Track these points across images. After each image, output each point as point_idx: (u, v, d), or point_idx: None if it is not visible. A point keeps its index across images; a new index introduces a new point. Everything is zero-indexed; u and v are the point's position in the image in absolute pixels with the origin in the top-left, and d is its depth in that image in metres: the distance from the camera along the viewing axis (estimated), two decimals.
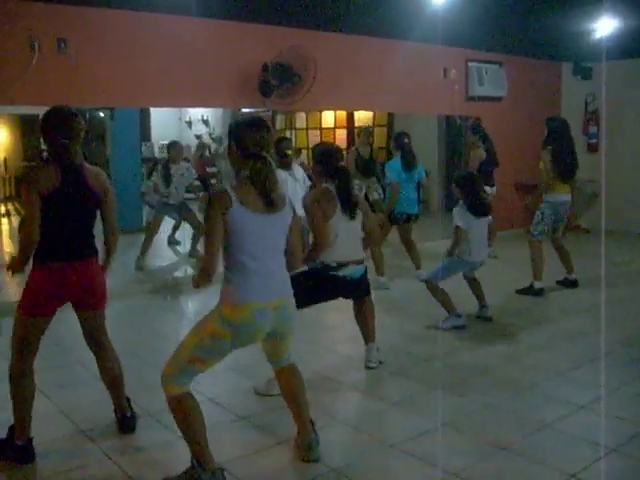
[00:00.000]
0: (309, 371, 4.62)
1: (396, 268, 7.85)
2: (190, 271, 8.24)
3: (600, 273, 7.36)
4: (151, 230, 8.54)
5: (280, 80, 7.49)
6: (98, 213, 3.57)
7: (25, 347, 3.41)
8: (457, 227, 5.58)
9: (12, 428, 3.46)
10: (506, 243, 9.26)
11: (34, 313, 3.39)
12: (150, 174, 8.79)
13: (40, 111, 10.31)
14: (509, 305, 6.50)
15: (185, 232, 9.12)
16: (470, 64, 9.76)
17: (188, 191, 8.85)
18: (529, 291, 6.85)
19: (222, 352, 3.08)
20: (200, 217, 8.61)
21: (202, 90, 7.36)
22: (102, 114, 14.28)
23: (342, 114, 14.28)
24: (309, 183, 6.79)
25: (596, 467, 3.29)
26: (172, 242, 9.70)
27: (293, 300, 3.22)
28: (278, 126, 16.74)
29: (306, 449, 3.40)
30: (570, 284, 7.11)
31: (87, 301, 3.55)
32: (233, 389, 4.48)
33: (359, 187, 9.88)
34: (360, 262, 4.54)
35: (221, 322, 3.00)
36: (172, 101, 7.67)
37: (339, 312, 6.43)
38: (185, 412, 3.06)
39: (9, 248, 10.50)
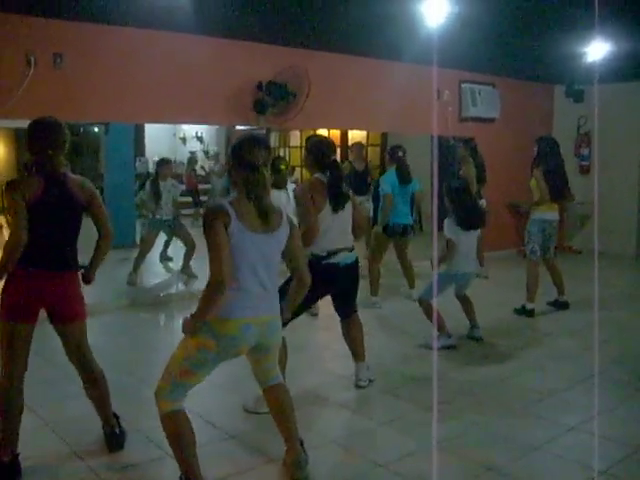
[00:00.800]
0: (299, 389, 4.62)
1: (388, 287, 7.84)
2: (182, 287, 8.22)
3: (591, 294, 7.39)
4: (144, 246, 8.53)
5: (274, 98, 7.52)
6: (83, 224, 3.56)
7: (11, 357, 3.36)
8: (448, 240, 5.60)
9: None
10: (498, 263, 9.30)
11: (14, 318, 3.35)
12: (140, 189, 8.81)
13: None
14: (500, 326, 6.51)
15: (177, 248, 9.10)
16: (463, 85, 9.83)
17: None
18: (521, 311, 6.88)
19: (208, 364, 3.07)
20: (193, 232, 8.64)
21: (197, 107, 7.39)
22: (96, 129, 14.33)
23: (336, 133, 14.36)
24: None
25: None
26: (164, 258, 9.69)
27: (280, 317, 3.27)
28: (272, 144, 16.83)
29: (295, 468, 3.39)
30: (560, 305, 7.11)
31: (63, 313, 3.51)
32: (222, 406, 4.47)
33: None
34: (351, 250, 4.52)
35: (208, 335, 3.01)
36: (166, 117, 7.70)
37: (329, 331, 6.43)
38: (177, 430, 3.06)
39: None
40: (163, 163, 8.85)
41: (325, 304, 6.53)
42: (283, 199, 6.53)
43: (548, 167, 6.83)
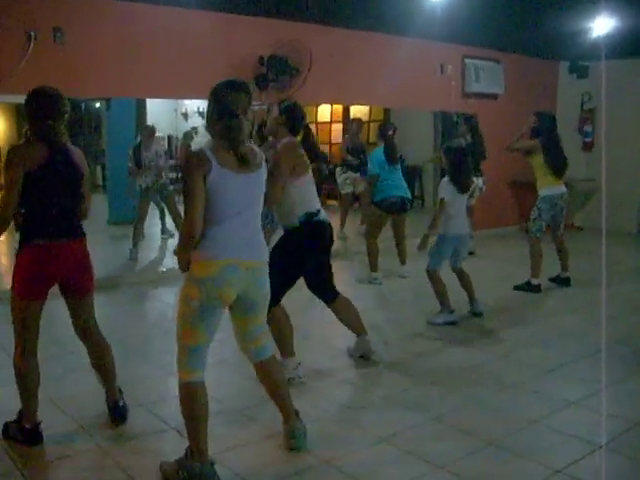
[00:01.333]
0: (301, 364, 4.66)
1: (388, 264, 7.84)
2: None
3: (594, 271, 7.39)
4: (139, 217, 8.59)
5: (276, 73, 7.49)
6: None
7: (25, 332, 3.43)
8: (442, 199, 5.63)
9: (21, 412, 3.53)
10: (499, 240, 9.30)
11: (28, 296, 3.38)
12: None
13: None
14: (501, 302, 6.52)
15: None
16: (467, 61, 9.76)
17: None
18: (526, 287, 6.85)
19: (200, 316, 3.01)
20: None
21: (198, 82, 7.31)
22: (98, 105, 14.27)
23: (338, 108, 14.30)
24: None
25: (583, 463, 3.32)
26: (163, 232, 9.73)
27: (267, 268, 3.22)
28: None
29: (291, 437, 3.44)
30: (562, 282, 7.12)
31: (76, 283, 3.54)
32: (224, 381, 4.49)
33: (351, 180, 9.99)
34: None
35: (190, 282, 3.02)
36: (168, 92, 7.66)
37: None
38: (191, 401, 3.07)
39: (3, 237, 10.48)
40: (146, 131, 8.91)
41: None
42: None
43: (551, 142, 6.78)
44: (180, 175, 8.35)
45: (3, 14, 5.99)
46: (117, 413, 3.78)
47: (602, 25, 7.76)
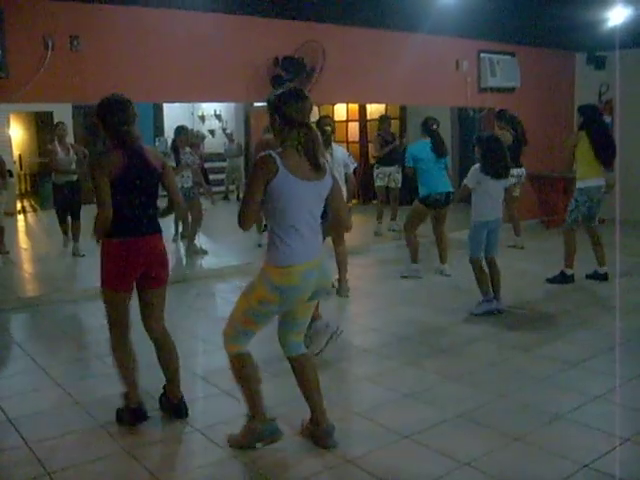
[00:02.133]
0: (322, 362, 4.67)
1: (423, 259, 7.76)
2: (203, 265, 8.27)
3: (618, 262, 7.30)
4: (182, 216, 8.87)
5: (291, 74, 7.50)
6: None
7: (116, 321, 3.71)
8: (464, 185, 5.85)
9: (125, 395, 3.79)
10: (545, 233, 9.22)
11: (117, 288, 3.64)
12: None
13: (54, 108, 10.51)
14: (524, 296, 6.47)
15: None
16: (482, 55, 9.70)
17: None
18: (560, 279, 6.83)
19: (270, 315, 3.29)
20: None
21: (214, 85, 7.39)
22: None
23: (354, 107, 14.29)
24: (353, 164, 6.66)
25: (610, 457, 3.30)
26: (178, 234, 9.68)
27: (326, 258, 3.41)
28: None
29: (322, 436, 3.48)
30: (600, 277, 6.95)
31: (156, 274, 3.75)
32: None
33: (383, 174, 10.04)
34: None
35: (270, 288, 3.16)
36: (185, 96, 7.72)
37: (353, 305, 6.47)
38: (242, 369, 3.34)
39: (25, 244, 10.61)
40: (180, 131, 8.92)
41: (355, 279, 6.57)
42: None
43: (595, 133, 6.68)
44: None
45: (20, 23, 6.05)
46: (180, 408, 3.88)
47: (618, 15, 7.69)
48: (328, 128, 6.27)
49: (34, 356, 4.97)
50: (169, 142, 13.31)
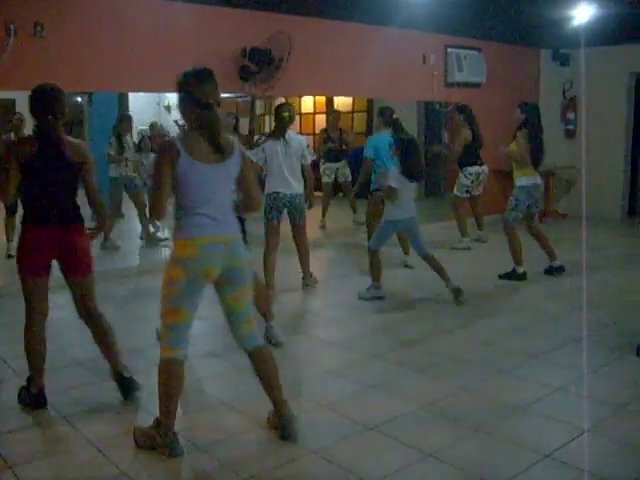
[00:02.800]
0: (286, 354, 4.68)
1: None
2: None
3: (579, 258, 7.41)
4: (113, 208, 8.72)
5: (259, 65, 7.47)
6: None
7: (31, 308, 3.80)
8: (389, 187, 5.87)
9: (28, 379, 3.90)
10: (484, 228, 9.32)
11: (31, 274, 3.74)
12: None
13: (16, 96, 10.27)
14: (486, 290, 6.55)
15: None
16: (449, 50, 9.77)
17: None
18: (511, 276, 6.86)
19: (184, 295, 3.18)
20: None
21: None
22: (80, 99, 14.16)
23: (322, 99, 14.30)
24: (312, 156, 6.49)
25: (570, 447, 3.36)
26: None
27: (241, 241, 3.38)
28: (258, 111, 16.67)
29: (283, 428, 3.48)
30: (557, 270, 7.04)
31: (74, 267, 3.84)
32: (214, 373, 4.50)
33: (330, 171, 10.03)
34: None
35: (173, 263, 3.19)
36: (150, 86, 7.63)
37: (319, 298, 6.49)
38: (168, 376, 3.25)
39: None
40: (123, 119, 9.10)
41: (319, 270, 6.58)
42: (279, 148, 6.13)
43: (533, 133, 6.76)
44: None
45: None
46: (126, 384, 3.97)
47: (583, 13, 7.80)
48: (286, 114, 6.15)
49: None
50: (134, 132, 13.23)
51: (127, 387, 3.96)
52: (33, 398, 3.86)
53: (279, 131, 6.20)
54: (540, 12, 7.93)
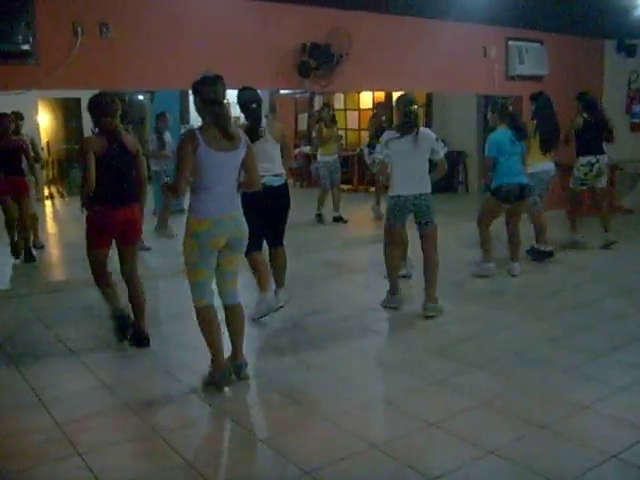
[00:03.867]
0: (344, 348, 4.70)
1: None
2: None
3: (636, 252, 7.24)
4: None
5: (318, 61, 7.49)
6: None
7: (96, 270, 4.79)
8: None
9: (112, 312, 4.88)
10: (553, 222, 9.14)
11: (94, 245, 4.72)
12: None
13: (81, 95, 10.52)
14: (549, 285, 6.43)
15: None
16: (510, 43, 9.60)
17: None
18: (536, 254, 7.31)
19: (201, 259, 3.95)
20: None
21: (242, 71, 7.37)
22: (142, 97, 14.42)
23: (380, 95, 14.23)
24: (444, 149, 5.71)
25: (637, 448, 3.28)
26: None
27: (242, 214, 4.10)
28: (316, 107, 16.73)
29: (238, 370, 4.19)
30: (541, 254, 7.34)
31: (129, 236, 4.80)
32: (272, 367, 4.56)
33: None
34: (277, 175, 5.40)
35: (189, 236, 3.95)
36: None
37: (378, 291, 6.49)
38: (205, 320, 4.03)
39: (52, 230, 10.74)
40: (160, 116, 9.57)
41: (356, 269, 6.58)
42: (405, 146, 5.44)
43: (542, 121, 7.28)
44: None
45: (51, 9, 6.10)
46: (142, 338, 4.84)
47: None
48: (413, 108, 5.49)
49: (64, 340, 5.08)
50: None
51: (141, 340, 4.82)
52: (120, 320, 4.85)
53: (404, 128, 5.46)
54: (604, 1, 7.74)
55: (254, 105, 5.35)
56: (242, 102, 5.43)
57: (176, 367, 4.50)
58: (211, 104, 3.87)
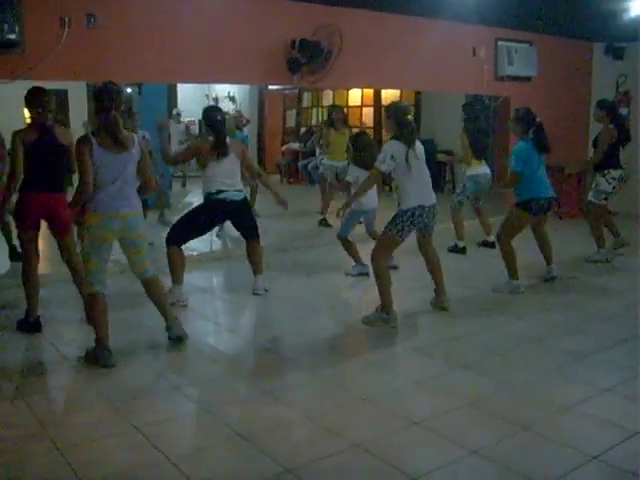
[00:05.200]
0: (328, 346, 4.69)
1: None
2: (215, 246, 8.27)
3: (628, 256, 7.28)
4: None
5: (307, 57, 7.46)
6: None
7: (27, 252, 4.99)
8: (347, 182, 6.63)
9: (26, 310, 5.02)
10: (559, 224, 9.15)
11: (23, 226, 4.92)
12: None
13: (68, 86, 10.36)
14: (536, 286, 6.44)
15: None
16: (500, 43, 9.61)
17: None
18: (454, 249, 7.84)
19: (93, 250, 4.33)
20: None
21: (230, 66, 7.35)
22: (129, 89, 14.34)
23: (369, 92, 14.23)
24: None
25: (620, 449, 3.29)
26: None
27: (140, 216, 4.51)
28: (305, 103, 16.72)
29: (171, 330, 4.65)
30: (488, 245, 7.97)
31: (56, 224, 5.00)
32: (260, 365, 4.53)
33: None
34: (238, 190, 5.81)
35: (85, 230, 4.38)
36: (199, 77, 7.68)
37: (361, 290, 6.47)
38: (93, 306, 4.39)
39: None
40: (129, 112, 9.15)
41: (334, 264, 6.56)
42: (411, 153, 5.23)
43: (472, 130, 7.94)
44: None
45: (38, 0, 6.03)
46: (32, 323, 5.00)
47: (638, 4, 7.60)
48: (410, 117, 5.42)
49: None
50: (183, 124, 13.34)
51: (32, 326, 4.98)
52: (31, 325, 4.95)
53: (407, 136, 5.25)
54: (593, 4, 7.76)
55: (219, 118, 5.81)
56: (207, 118, 5.87)
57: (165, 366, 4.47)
58: (102, 112, 4.27)
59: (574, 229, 7.61)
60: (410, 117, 5.39)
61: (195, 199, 9.30)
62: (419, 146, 5.38)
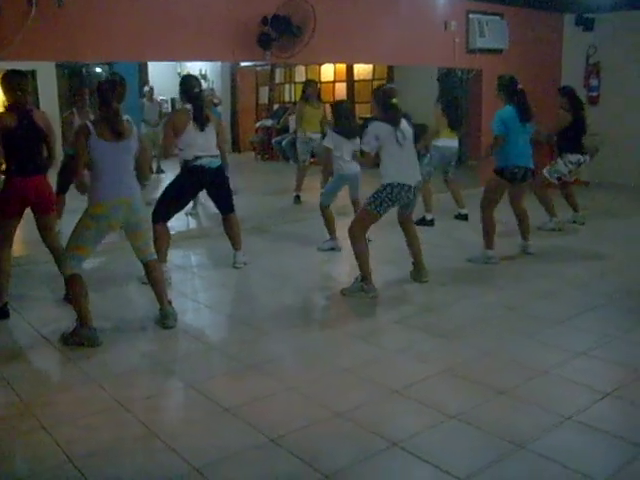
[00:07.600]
0: (308, 319, 4.74)
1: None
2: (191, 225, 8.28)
3: (601, 226, 7.40)
4: None
5: (279, 33, 7.43)
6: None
7: (3, 240, 4.88)
8: (326, 147, 6.65)
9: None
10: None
11: (8, 211, 4.87)
12: None
13: (37, 67, 10.27)
14: (507, 253, 6.52)
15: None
16: (471, 16, 9.63)
17: None
18: (422, 222, 7.70)
19: (91, 239, 4.44)
20: None
21: (200, 44, 7.30)
22: (99, 69, 14.18)
23: (342, 68, 14.21)
24: None
25: (592, 410, 3.40)
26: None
27: (139, 200, 4.56)
28: (277, 80, 16.64)
29: (165, 319, 4.67)
30: (462, 217, 8.16)
31: (40, 206, 4.99)
32: (239, 339, 4.58)
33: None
34: (214, 156, 5.84)
35: (89, 218, 4.41)
36: (170, 55, 7.63)
37: (339, 263, 6.53)
38: (75, 287, 4.41)
39: None
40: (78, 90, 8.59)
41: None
42: (394, 134, 5.34)
43: (447, 103, 7.82)
44: None
45: None
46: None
47: None
48: (395, 101, 5.45)
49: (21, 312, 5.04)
50: (155, 103, 13.21)
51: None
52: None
53: (393, 117, 5.37)
54: None
55: (196, 90, 5.80)
56: (185, 87, 5.83)
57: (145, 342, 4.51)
58: (103, 104, 4.38)
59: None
60: (395, 100, 5.44)
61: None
62: (406, 127, 5.45)
